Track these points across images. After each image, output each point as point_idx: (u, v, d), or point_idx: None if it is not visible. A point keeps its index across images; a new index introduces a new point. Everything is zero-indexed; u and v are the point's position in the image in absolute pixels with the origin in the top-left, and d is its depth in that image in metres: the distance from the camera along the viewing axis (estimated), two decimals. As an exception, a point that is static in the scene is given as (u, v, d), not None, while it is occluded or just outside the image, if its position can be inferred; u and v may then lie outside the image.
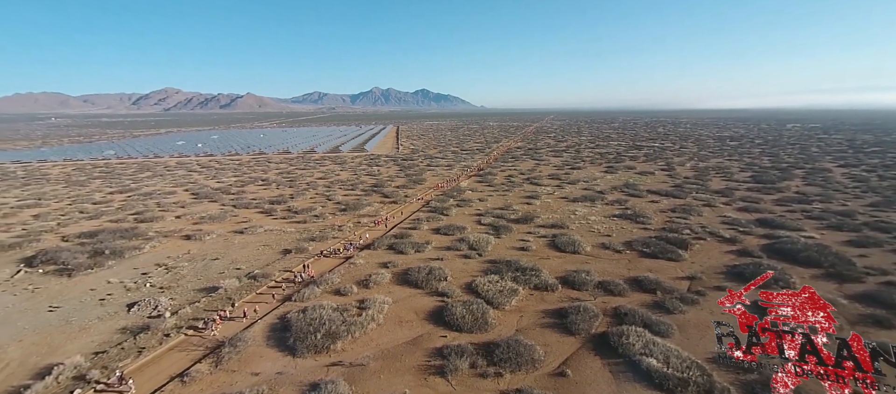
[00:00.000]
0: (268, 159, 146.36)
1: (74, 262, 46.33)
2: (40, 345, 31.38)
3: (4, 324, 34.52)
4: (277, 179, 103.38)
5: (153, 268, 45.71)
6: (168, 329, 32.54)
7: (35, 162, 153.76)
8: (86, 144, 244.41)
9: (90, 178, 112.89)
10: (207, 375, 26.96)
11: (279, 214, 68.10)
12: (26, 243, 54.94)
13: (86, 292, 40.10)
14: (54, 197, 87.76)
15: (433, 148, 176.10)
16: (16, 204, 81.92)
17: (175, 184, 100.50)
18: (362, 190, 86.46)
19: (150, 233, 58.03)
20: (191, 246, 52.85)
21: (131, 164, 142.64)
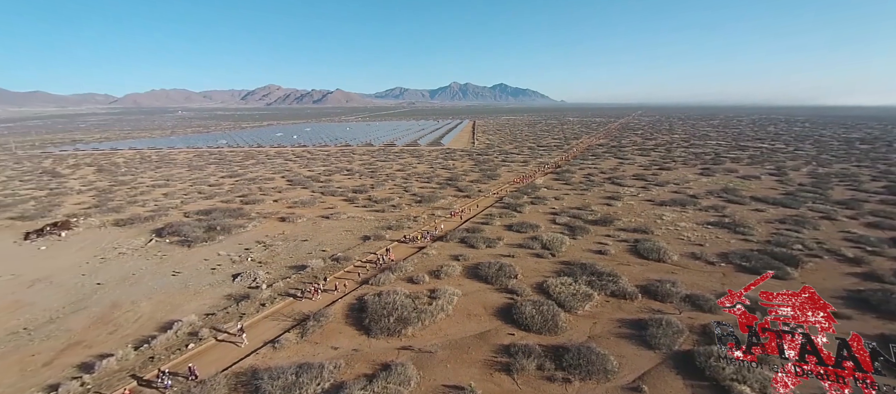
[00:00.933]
0: (352, 151, 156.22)
1: (193, 235, 53.98)
2: (165, 303, 37.22)
3: (140, 283, 41.51)
4: (360, 169, 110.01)
5: (254, 244, 51.55)
6: (263, 299, 36.61)
7: (165, 148, 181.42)
8: (204, 134, 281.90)
9: (207, 163, 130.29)
10: (294, 343, 29.91)
11: (360, 202, 72.56)
12: (157, 217, 65.25)
13: (201, 262, 46.57)
14: (179, 179, 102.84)
15: (509, 143, 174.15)
16: (150, 184, 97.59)
17: (274, 171, 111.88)
18: (437, 183, 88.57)
19: (253, 214, 65.37)
20: (285, 227, 58.62)
21: (239, 152, 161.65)
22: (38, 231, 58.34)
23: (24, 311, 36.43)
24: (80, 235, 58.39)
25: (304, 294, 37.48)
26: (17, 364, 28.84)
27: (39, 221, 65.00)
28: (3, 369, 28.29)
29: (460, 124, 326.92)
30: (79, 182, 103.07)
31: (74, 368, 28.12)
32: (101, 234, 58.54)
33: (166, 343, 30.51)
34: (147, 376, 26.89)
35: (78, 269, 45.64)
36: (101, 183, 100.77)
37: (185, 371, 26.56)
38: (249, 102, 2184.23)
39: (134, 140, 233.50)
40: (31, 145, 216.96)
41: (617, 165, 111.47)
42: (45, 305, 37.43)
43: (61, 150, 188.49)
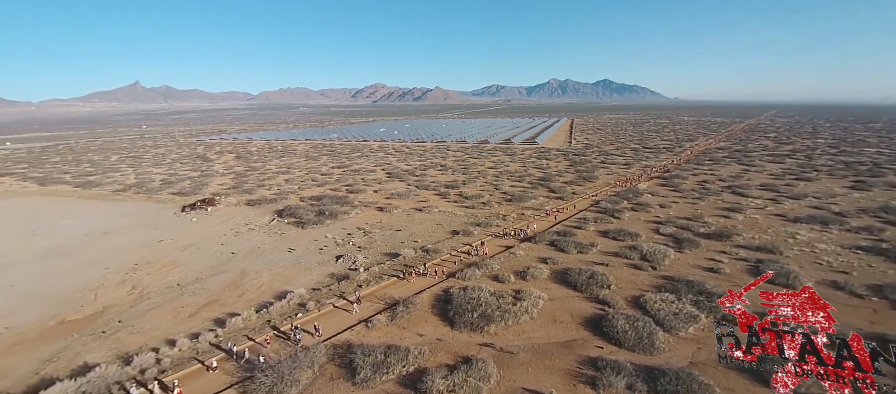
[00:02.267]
0: (447, 148, 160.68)
1: (306, 218, 60.72)
2: (281, 275, 42.57)
3: (263, 256, 48.04)
4: (453, 165, 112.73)
5: (355, 230, 56.21)
6: (360, 281, 39.80)
7: (288, 140, 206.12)
8: (319, 128, 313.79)
9: (320, 154, 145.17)
10: (384, 325, 32.05)
11: (452, 197, 74.46)
12: (279, 200, 74.72)
13: (311, 242, 52.23)
14: (298, 168, 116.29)
15: (610, 144, 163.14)
16: (275, 171, 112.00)
17: (375, 164, 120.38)
18: (529, 182, 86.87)
19: (356, 202, 71.24)
20: (382, 217, 62.82)
21: (347, 145, 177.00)
22: (191, 205, 71.07)
23: (178, 270, 44.75)
24: (220, 211, 69.60)
25: (406, 276, 40.76)
26: (171, 313, 35.59)
27: (192, 197, 79.07)
28: (161, 315, 35.14)
29: (557, 122, 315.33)
30: (222, 166, 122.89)
31: (211, 321, 33.77)
32: (236, 211, 69.08)
33: (280, 310, 34.96)
34: (283, 328, 31.93)
35: (218, 239, 54.52)
36: (238, 168, 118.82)
37: (311, 328, 31.51)
38: (358, 99, 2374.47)
39: (264, 132, 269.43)
40: (190, 135, 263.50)
41: (740, 172, 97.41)
42: (193, 266, 45.51)
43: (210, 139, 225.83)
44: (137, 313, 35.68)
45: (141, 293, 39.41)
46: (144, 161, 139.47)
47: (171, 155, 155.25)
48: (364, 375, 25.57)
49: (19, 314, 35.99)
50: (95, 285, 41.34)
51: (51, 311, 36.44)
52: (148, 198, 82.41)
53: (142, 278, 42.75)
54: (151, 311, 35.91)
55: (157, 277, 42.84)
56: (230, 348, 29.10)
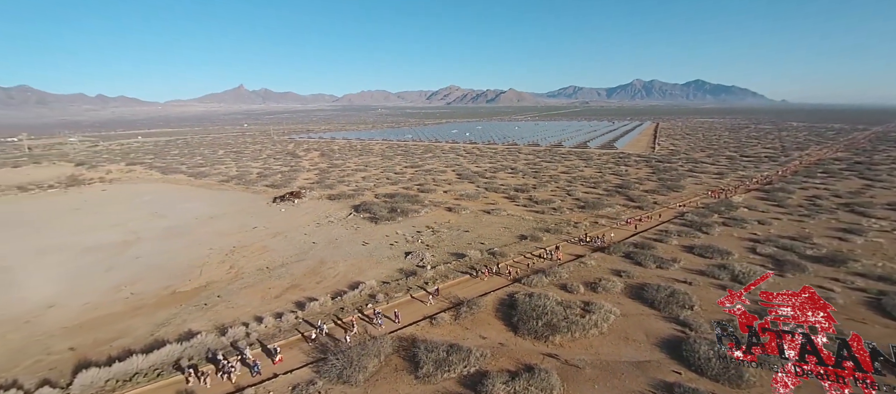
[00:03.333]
0: (518, 150, 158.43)
1: (380, 214, 63.74)
2: (354, 267, 45.19)
3: (340, 247, 51.37)
4: (524, 169, 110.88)
5: (424, 228, 57.80)
6: (427, 278, 40.85)
7: (367, 140, 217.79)
8: (395, 128, 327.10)
9: (395, 154, 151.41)
10: (448, 324, 32.58)
11: (521, 201, 73.32)
12: (356, 195, 79.30)
13: (383, 237, 54.75)
14: (374, 166, 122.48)
15: (700, 151, 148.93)
16: (354, 168, 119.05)
17: (446, 164, 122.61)
18: (605, 189, 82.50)
19: (426, 201, 73.22)
20: (451, 217, 63.85)
21: (420, 146, 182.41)
22: (281, 197, 78.22)
23: (267, 255, 49.55)
24: (305, 203, 75.70)
25: (478, 273, 41.67)
26: (260, 293, 39.53)
27: (282, 189, 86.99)
28: (251, 295, 39.18)
29: (639, 126, 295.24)
30: (308, 163, 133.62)
31: (293, 304, 36.92)
32: (318, 204, 74.69)
33: (352, 299, 37.16)
34: (366, 312, 34.56)
35: (302, 229, 59.38)
36: (322, 164, 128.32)
37: (392, 314, 33.68)
38: (433, 101, 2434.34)
39: (346, 132, 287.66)
40: (282, 133, 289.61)
41: (862, 187, 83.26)
42: (280, 252, 50.10)
43: (299, 137, 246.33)
44: (233, 290, 40.20)
45: (236, 273, 44.33)
46: (244, 156, 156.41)
47: (266, 151, 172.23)
48: (426, 370, 26.26)
49: (142, 283, 42.46)
50: (201, 263, 47.35)
51: (166, 282, 42.48)
52: (246, 189, 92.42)
53: (238, 260, 48.07)
54: (244, 289, 40.24)
55: (250, 260, 47.89)
56: (320, 326, 31.75)
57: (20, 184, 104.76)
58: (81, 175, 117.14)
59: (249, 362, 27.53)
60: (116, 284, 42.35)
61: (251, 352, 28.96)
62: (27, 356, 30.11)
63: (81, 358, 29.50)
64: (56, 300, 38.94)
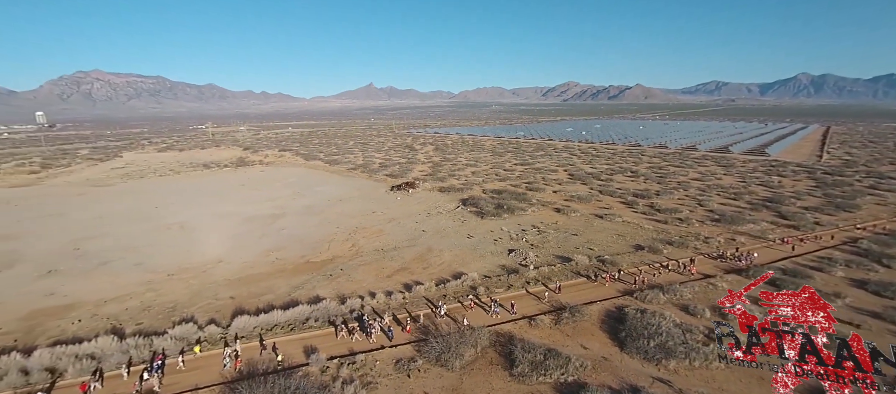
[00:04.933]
0: (642, 152, 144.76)
1: (486, 209, 64.63)
2: (458, 258, 46.71)
3: (446, 237, 53.57)
4: (646, 172, 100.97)
5: (530, 227, 56.89)
6: (529, 278, 40.26)
7: (479, 136, 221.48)
8: (507, 125, 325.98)
9: (505, 151, 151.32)
10: (547, 327, 31.73)
11: (640, 208, 67.08)
12: (465, 189, 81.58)
13: (487, 232, 55.45)
14: (484, 162, 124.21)
15: (890, 163, 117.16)
16: (465, 163, 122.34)
17: (558, 164, 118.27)
18: (748, 202, 70.56)
19: (534, 200, 71.84)
20: (559, 218, 61.62)
21: (531, 143, 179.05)
22: (397, 186, 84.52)
23: (382, 238, 54.15)
24: (418, 193, 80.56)
25: (598, 277, 40.15)
26: (374, 271, 43.50)
27: (399, 179, 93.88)
28: (367, 272, 43.33)
29: (802, 130, 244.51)
30: (423, 156, 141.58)
31: (401, 284, 39.86)
32: (430, 195, 78.82)
33: (455, 288, 38.57)
34: (483, 299, 36.14)
35: (414, 217, 63.41)
36: (435, 158, 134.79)
37: (509, 305, 34.53)
38: (548, 98, 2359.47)
39: (460, 128, 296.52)
40: (403, 128, 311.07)
41: None
42: (394, 237, 54.32)
43: (417, 132, 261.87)
44: (353, 265, 45.01)
45: (357, 251, 49.49)
46: (369, 147, 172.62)
47: (388, 143, 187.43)
48: (521, 370, 26.05)
49: (285, 251, 50.12)
50: (329, 239, 53.97)
51: (302, 252, 49.48)
52: (369, 176, 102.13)
53: (358, 239, 53.57)
54: (362, 266, 44.75)
55: (368, 241, 52.98)
56: (439, 306, 34.04)
57: (205, 162, 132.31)
58: (247, 157, 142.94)
59: (385, 327, 31.04)
60: (266, 249, 50.82)
61: (389, 319, 32.41)
62: (201, 299, 38.10)
63: (238, 306, 36.26)
64: (223, 257, 48.38)
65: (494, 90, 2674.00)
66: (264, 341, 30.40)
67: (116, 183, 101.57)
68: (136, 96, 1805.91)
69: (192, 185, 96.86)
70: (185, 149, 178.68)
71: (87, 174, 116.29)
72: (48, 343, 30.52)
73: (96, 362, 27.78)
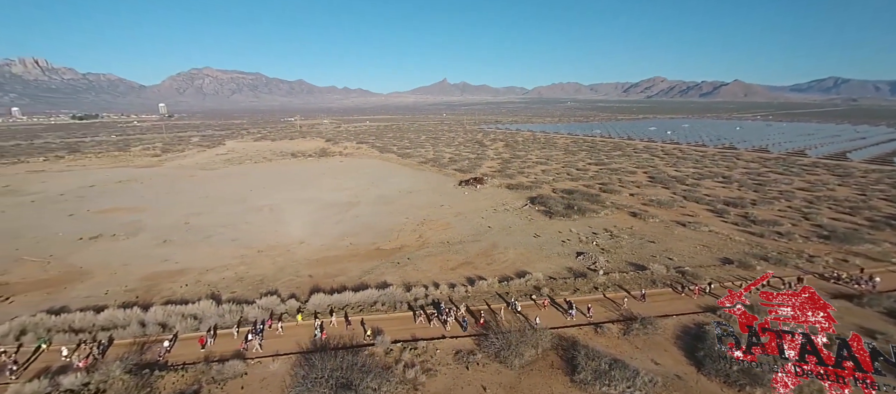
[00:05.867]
0: (737, 156, 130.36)
1: (555, 208, 62.85)
2: (523, 256, 46.08)
3: (512, 235, 53.09)
4: (741, 179, 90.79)
5: (602, 231, 54.28)
6: (598, 283, 38.55)
7: (551, 133, 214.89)
8: (582, 123, 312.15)
9: (579, 149, 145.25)
10: (615, 336, 30.21)
11: (731, 217, 60.66)
12: (534, 188, 80.00)
13: (555, 232, 53.94)
14: (555, 160, 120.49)
15: None
16: (535, 161, 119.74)
17: (637, 165, 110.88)
18: (868, 219, 60.40)
19: (607, 202, 68.30)
20: (634, 223, 57.98)
21: (609, 142, 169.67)
22: (466, 181, 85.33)
23: (449, 231, 55.15)
24: (486, 189, 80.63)
25: (685, 289, 37.49)
26: (439, 263, 44.53)
27: (467, 174, 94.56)
28: (432, 263, 44.48)
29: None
30: (493, 152, 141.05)
31: (464, 278, 40.41)
32: (497, 192, 78.51)
33: (518, 286, 38.21)
34: (557, 300, 35.61)
35: (480, 213, 63.68)
36: (505, 155, 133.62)
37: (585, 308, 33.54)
38: (630, 94, 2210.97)
39: (531, 124, 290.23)
40: (474, 123, 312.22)
41: None
42: (459, 231, 55.08)
43: (488, 127, 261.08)
44: (419, 256, 46.52)
45: (423, 242, 51.02)
46: (440, 142, 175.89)
47: (458, 139, 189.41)
48: (584, 377, 25.18)
49: (358, 237, 53.22)
50: (398, 229, 56.24)
51: (373, 239, 52.18)
52: (438, 170, 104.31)
53: (425, 231, 55.15)
54: (427, 257, 46.08)
55: (434, 233, 54.33)
56: (513, 303, 34.25)
57: (292, 151, 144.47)
58: (328, 149, 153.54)
59: (460, 318, 31.92)
60: (341, 234, 54.39)
61: (463, 309, 33.30)
62: (285, 275, 41.92)
63: (315, 284, 39.36)
64: (304, 239, 52.67)
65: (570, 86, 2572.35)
66: (350, 318, 32.67)
67: (219, 168, 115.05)
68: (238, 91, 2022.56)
69: (281, 172, 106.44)
70: (277, 139, 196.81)
71: (197, 159, 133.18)
72: (161, 302, 35.74)
73: (198, 321, 32.02)
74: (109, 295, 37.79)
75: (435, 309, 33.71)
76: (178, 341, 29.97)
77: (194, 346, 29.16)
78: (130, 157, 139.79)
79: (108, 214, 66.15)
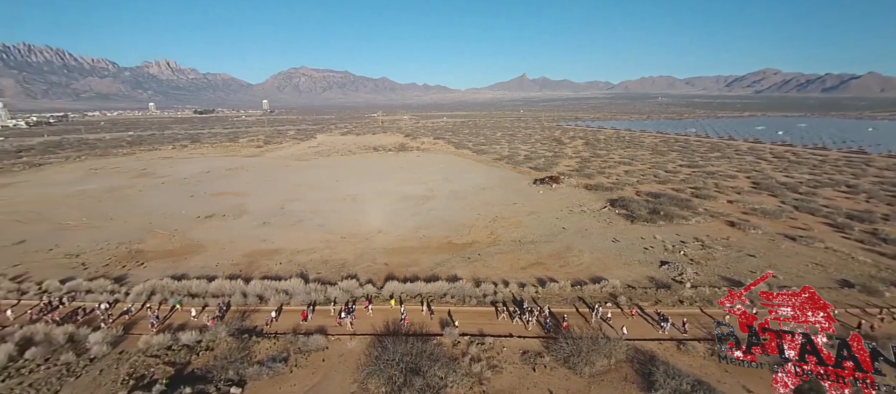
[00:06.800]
0: (867, 162, 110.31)
1: (638, 212, 58.86)
2: (600, 261, 43.96)
3: (588, 238, 50.86)
4: (871, 189, 76.73)
5: (691, 240, 49.71)
6: (683, 297, 35.49)
7: (638, 131, 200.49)
8: (675, 120, 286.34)
9: (670, 150, 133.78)
10: (700, 356, 27.63)
11: (855, 233, 51.73)
12: (615, 189, 75.59)
13: (637, 238, 50.58)
14: (641, 160, 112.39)
15: None
16: (617, 160, 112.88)
17: (739, 169, 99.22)
18: None
19: (700, 209, 62.25)
20: (731, 233, 52.19)
21: (705, 143, 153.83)
22: (541, 180, 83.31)
23: (521, 229, 54.45)
24: (562, 189, 78.02)
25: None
26: (509, 261, 44.25)
27: (543, 173, 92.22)
28: (503, 260, 44.32)
29: None
30: (571, 150, 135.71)
31: (534, 278, 39.71)
32: (574, 192, 75.58)
33: (591, 292, 36.64)
34: (648, 310, 33.56)
35: (555, 213, 61.89)
36: (584, 153, 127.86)
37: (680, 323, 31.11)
38: (734, 89, 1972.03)
39: (616, 121, 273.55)
40: (552, 120, 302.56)
41: None
42: (532, 230, 54.13)
43: (567, 124, 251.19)
44: (490, 253, 46.67)
45: (494, 239, 51.05)
46: (516, 139, 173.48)
47: (535, 136, 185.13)
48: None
49: (431, 230, 54.87)
50: (470, 224, 56.87)
51: (446, 233, 53.43)
52: (513, 168, 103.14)
53: (497, 228, 55.09)
54: (498, 255, 46.05)
55: (506, 231, 54.04)
56: (596, 308, 32.78)
57: (374, 146, 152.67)
58: (407, 144, 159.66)
59: (543, 319, 31.52)
60: (416, 226, 56.50)
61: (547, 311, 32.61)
62: (363, 261, 44.74)
63: (389, 272, 41.50)
64: (382, 228, 55.62)
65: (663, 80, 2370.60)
66: (433, 307, 34.12)
67: (311, 159, 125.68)
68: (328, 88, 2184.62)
69: (363, 164, 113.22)
70: (361, 134, 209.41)
71: (292, 150, 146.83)
72: (260, 276, 40.28)
73: (289, 296, 35.61)
74: (219, 267, 43.51)
75: (517, 307, 33.61)
76: (283, 313, 33.58)
77: (297, 318, 32.43)
78: (238, 147, 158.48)
79: (220, 196, 75.86)
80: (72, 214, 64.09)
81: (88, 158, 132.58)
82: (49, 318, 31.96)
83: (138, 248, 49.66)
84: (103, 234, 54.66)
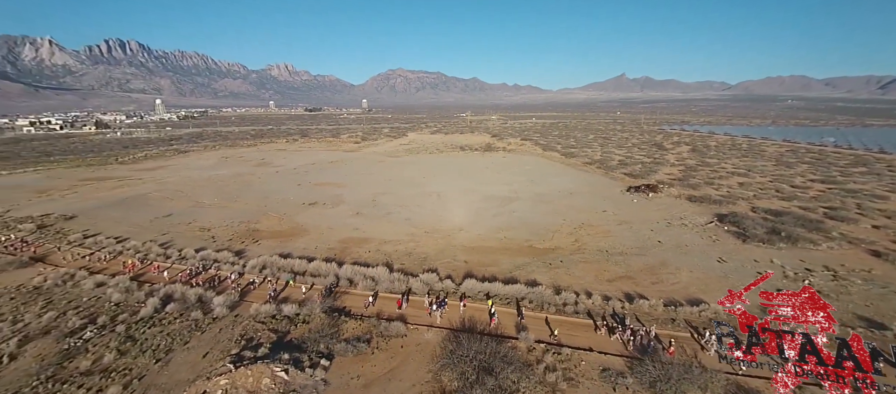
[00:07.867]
0: None
1: (752, 231, 51.67)
2: (701, 281, 39.56)
3: (687, 254, 46.06)
4: None
5: (820, 268, 42.28)
6: (804, 333, 30.42)
7: (758, 138, 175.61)
8: (809, 127, 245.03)
9: (799, 161, 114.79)
10: None
11: None
12: (725, 203, 67.21)
13: (748, 260, 44.49)
14: (760, 172, 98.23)
15: None
16: (730, 170, 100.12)
17: (890, 188, 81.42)
18: None
19: (834, 233, 52.58)
20: (875, 264, 43.23)
21: (847, 155, 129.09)
22: (635, 187, 77.41)
23: (609, 239, 51.25)
24: (660, 199, 71.59)
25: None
26: (594, 271, 41.94)
27: (639, 180, 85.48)
28: (586, 271, 42.14)
29: None
30: (674, 157, 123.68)
31: (622, 293, 37.12)
32: (674, 203, 68.88)
33: (688, 314, 33.19)
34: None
35: (649, 224, 57.10)
36: (690, 161, 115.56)
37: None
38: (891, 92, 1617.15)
39: (731, 127, 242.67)
40: (653, 123, 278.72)
41: None
42: (622, 240, 50.63)
43: (671, 128, 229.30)
44: (573, 261, 44.76)
45: (579, 247, 48.81)
46: (610, 142, 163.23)
47: (632, 140, 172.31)
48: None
49: (512, 231, 54.30)
50: (554, 229, 55.08)
51: (527, 236, 52.47)
52: (605, 173, 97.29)
53: (583, 236, 52.56)
54: (582, 263, 43.96)
55: (593, 239, 51.31)
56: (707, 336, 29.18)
57: (461, 145, 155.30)
58: (493, 144, 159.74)
59: (647, 341, 29.10)
60: (497, 226, 56.40)
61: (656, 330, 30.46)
62: (444, 257, 45.95)
63: (468, 270, 42.06)
64: (464, 226, 56.51)
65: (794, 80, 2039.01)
66: (523, 311, 33.63)
67: (402, 156, 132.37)
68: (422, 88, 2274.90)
69: (450, 163, 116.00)
70: (449, 133, 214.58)
71: (386, 147, 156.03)
72: (350, 262, 43.64)
73: (375, 282, 38.05)
74: (317, 250, 48.12)
75: (619, 323, 31.83)
76: (380, 298, 36.09)
77: (392, 304, 34.68)
78: (339, 143, 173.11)
79: (322, 186, 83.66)
80: (206, 194, 75.96)
81: (221, 147, 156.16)
82: (196, 280, 38.62)
83: (255, 227, 57.05)
84: (229, 213, 63.83)
